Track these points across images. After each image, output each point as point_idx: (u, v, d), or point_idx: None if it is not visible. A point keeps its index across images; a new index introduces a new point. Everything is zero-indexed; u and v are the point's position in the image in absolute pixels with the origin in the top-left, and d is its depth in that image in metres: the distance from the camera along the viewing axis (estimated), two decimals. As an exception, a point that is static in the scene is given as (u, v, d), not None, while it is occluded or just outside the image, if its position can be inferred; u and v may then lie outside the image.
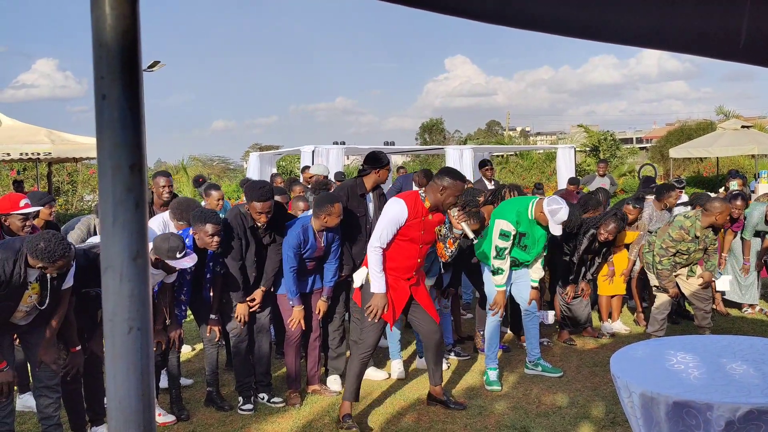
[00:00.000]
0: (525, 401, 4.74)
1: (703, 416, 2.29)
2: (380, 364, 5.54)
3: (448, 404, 4.59)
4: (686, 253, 5.61)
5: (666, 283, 5.70)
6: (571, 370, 5.37)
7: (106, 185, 1.00)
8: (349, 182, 5.30)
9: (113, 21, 0.99)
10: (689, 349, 3.02)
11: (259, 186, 4.56)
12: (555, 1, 1.77)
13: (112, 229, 1.00)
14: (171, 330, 4.44)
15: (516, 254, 5.05)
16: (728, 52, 2.36)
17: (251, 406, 4.67)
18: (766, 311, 7.12)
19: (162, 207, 5.33)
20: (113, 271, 1.00)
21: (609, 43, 1.98)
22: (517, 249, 5.02)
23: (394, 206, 4.17)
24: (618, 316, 6.66)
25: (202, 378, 5.03)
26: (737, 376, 2.64)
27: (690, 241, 5.56)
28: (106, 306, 1.02)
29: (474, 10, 1.68)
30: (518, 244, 5.00)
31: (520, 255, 5.07)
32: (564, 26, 1.92)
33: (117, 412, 1.02)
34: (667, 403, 2.38)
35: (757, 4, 2.04)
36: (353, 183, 5.14)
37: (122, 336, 1.01)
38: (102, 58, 1.00)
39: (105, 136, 1.00)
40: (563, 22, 1.90)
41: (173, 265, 4.03)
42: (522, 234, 4.96)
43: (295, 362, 4.84)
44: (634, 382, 2.57)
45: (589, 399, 4.72)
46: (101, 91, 1.00)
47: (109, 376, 1.02)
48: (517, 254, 5.05)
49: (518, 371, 5.39)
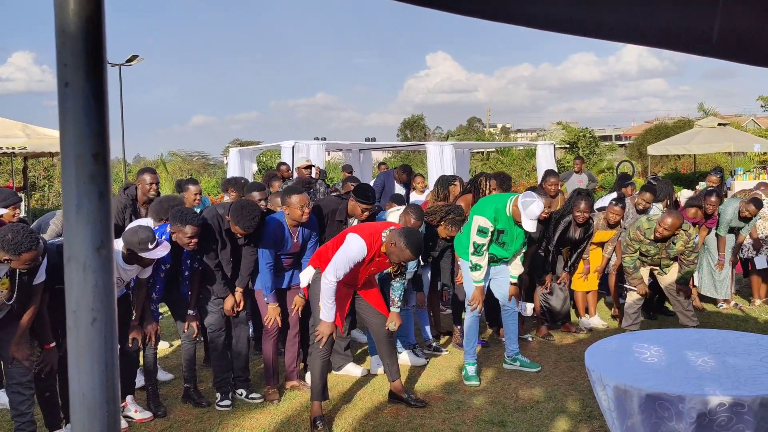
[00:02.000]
0: (503, 396, 4.76)
1: (675, 408, 2.31)
2: (359, 360, 5.54)
3: (408, 402, 4.58)
4: (647, 255, 5.67)
5: (632, 280, 5.75)
6: (548, 365, 5.41)
7: (69, 175, 0.98)
8: (332, 204, 5.19)
9: (76, 7, 0.97)
10: (662, 342, 3.05)
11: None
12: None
13: (76, 219, 0.98)
14: (146, 325, 4.40)
15: (494, 251, 5.06)
16: (702, 48, 2.38)
17: (229, 402, 4.64)
18: (741, 306, 7.23)
19: (145, 204, 5.28)
20: (76, 262, 0.98)
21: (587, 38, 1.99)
22: (495, 246, 5.04)
23: (355, 245, 4.12)
24: (595, 311, 6.71)
25: (180, 374, 4.99)
26: (708, 369, 2.67)
27: (648, 244, 5.62)
28: (69, 297, 1.00)
29: (454, 3, 1.68)
30: (496, 241, 5.02)
31: (499, 251, 5.09)
32: (542, 20, 1.92)
33: (80, 405, 1.00)
34: (640, 396, 2.41)
35: (728, 3, 2.06)
36: (335, 208, 5.10)
37: (86, 327, 0.99)
38: (65, 45, 0.98)
39: (68, 124, 0.98)
40: (542, 16, 1.91)
41: (147, 257, 3.99)
42: (500, 231, 4.97)
43: (273, 358, 4.83)
44: (607, 376, 2.59)
45: (567, 393, 4.76)
46: (64, 78, 0.98)
47: (72, 368, 1.00)
48: (496, 251, 5.07)
49: (497, 366, 5.41)
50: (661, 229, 5.53)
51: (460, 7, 1.70)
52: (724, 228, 6.79)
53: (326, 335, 4.22)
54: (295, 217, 4.58)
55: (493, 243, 5.02)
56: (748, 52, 2.57)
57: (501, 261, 5.19)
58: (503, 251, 5.09)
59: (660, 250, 5.64)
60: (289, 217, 4.60)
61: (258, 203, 5.02)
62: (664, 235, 5.54)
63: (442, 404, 4.63)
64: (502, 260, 5.17)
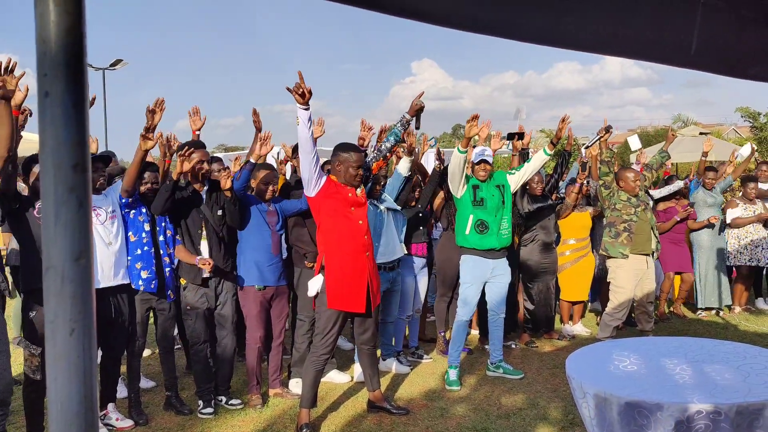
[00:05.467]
0: (486, 403, 4.78)
1: (654, 416, 2.34)
2: (343, 367, 5.54)
3: (390, 410, 4.58)
4: (633, 217, 5.69)
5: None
6: (531, 372, 5.44)
7: (48, 184, 0.98)
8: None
9: (57, 17, 0.98)
10: (642, 350, 3.08)
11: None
12: (513, 8, 1.79)
13: (54, 229, 0.98)
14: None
15: (479, 215, 5.10)
16: (681, 60, 2.43)
17: (211, 409, 4.62)
18: (722, 314, 7.31)
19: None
20: (55, 272, 0.98)
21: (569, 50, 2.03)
22: (476, 209, 5.11)
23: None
24: (579, 319, 6.76)
25: (161, 381, 4.96)
26: (687, 377, 2.70)
27: (627, 201, 5.71)
28: (47, 307, 1.00)
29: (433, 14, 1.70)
30: (475, 201, 5.11)
31: (482, 214, 5.11)
32: (523, 33, 1.95)
33: (58, 416, 0.99)
34: (620, 404, 2.43)
35: (706, 15, 2.11)
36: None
37: (64, 338, 0.99)
38: (45, 55, 0.98)
39: (47, 134, 0.98)
40: (522, 28, 1.93)
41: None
42: (475, 186, 5.14)
43: (257, 365, 4.80)
44: (588, 383, 2.61)
45: (549, 400, 4.79)
46: (44, 88, 0.98)
47: (50, 378, 1.00)
48: (480, 214, 5.11)
49: (480, 373, 5.43)
50: (624, 183, 5.76)
51: (442, 20, 1.72)
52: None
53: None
54: (259, 190, 4.79)
55: (474, 206, 5.11)
56: (726, 63, 2.62)
57: (497, 252, 5.19)
58: (486, 213, 5.11)
59: (639, 200, 5.75)
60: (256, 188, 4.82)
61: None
62: (635, 188, 5.76)
63: (425, 411, 4.64)
64: (495, 235, 5.14)
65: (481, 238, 5.12)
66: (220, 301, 4.66)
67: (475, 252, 5.16)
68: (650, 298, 5.85)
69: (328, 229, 4.23)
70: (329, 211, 4.20)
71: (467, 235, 5.15)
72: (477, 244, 5.14)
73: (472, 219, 5.12)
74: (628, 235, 5.68)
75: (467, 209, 5.15)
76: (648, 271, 5.77)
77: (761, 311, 7.49)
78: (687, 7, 2.07)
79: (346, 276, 4.22)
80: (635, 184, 5.75)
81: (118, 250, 4.26)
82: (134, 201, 4.39)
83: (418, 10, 1.62)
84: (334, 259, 4.23)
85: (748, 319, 7.13)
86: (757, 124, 24.26)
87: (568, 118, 5.50)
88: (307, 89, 3.94)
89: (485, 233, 5.11)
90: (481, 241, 5.13)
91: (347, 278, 4.22)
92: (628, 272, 5.70)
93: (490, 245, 5.13)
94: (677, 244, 7.04)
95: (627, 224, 5.69)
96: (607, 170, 5.79)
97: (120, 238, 4.30)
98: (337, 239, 4.22)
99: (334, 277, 4.22)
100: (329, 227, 4.22)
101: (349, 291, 4.23)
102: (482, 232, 5.11)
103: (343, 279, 4.22)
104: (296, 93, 3.94)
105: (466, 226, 5.15)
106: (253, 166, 4.65)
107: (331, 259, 4.23)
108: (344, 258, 4.23)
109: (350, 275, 4.23)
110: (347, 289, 4.23)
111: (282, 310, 4.90)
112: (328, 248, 4.24)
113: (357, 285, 4.24)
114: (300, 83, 3.93)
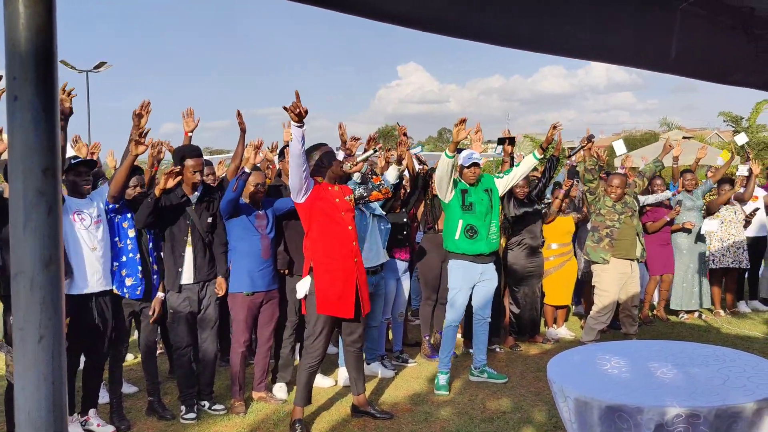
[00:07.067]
0: (470, 407, 4.78)
1: (634, 420, 2.35)
2: (327, 371, 5.52)
3: (374, 415, 4.57)
4: (616, 224, 5.73)
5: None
6: (515, 376, 5.44)
7: (17, 189, 0.97)
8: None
9: (27, 19, 0.97)
10: (623, 353, 3.10)
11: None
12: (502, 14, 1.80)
13: (23, 234, 0.97)
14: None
15: (469, 219, 5.09)
16: (661, 65, 2.45)
17: (194, 414, 4.58)
18: (705, 317, 7.37)
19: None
20: (24, 278, 0.97)
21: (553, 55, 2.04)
22: (466, 214, 5.09)
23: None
24: (563, 322, 6.79)
25: (144, 386, 4.91)
26: (667, 380, 2.72)
27: (611, 208, 5.75)
28: (16, 314, 0.98)
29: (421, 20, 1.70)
30: (463, 206, 5.09)
31: (472, 219, 5.09)
32: (510, 38, 1.96)
33: (26, 424, 0.98)
34: (600, 408, 2.44)
35: (685, 22, 2.13)
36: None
37: (33, 345, 0.97)
38: (15, 58, 0.97)
39: (17, 139, 0.97)
40: (508, 34, 1.94)
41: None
42: (464, 190, 5.12)
43: (240, 370, 4.76)
44: (569, 387, 2.62)
45: (533, 404, 4.80)
46: (13, 92, 0.97)
47: (18, 387, 0.99)
48: (470, 219, 5.09)
49: (465, 377, 5.43)
50: (611, 189, 5.81)
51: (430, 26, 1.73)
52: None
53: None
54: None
55: (463, 211, 5.09)
56: (706, 69, 2.65)
57: (486, 257, 5.19)
58: (475, 217, 5.10)
59: (624, 207, 5.79)
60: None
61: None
62: (617, 193, 5.80)
63: (409, 416, 4.63)
64: (484, 239, 5.12)
65: (471, 243, 5.10)
66: (204, 305, 4.63)
67: (465, 257, 5.13)
68: (634, 301, 5.88)
69: (317, 235, 4.23)
70: (319, 215, 4.20)
71: (457, 240, 5.12)
72: (467, 249, 5.11)
73: (461, 224, 5.09)
74: (609, 241, 5.72)
75: (456, 214, 5.12)
76: (632, 274, 5.81)
77: (743, 314, 7.56)
78: (666, 14, 2.10)
79: (335, 282, 4.22)
80: (620, 189, 5.79)
81: (102, 255, 4.21)
82: (120, 206, 4.35)
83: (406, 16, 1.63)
84: (322, 265, 4.22)
85: (730, 322, 7.19)
86: (740, 129, 24.51)
87: (560, 125, 5.50)
88: (303, 109, 3.95)
89: (475, 238, 5.10)
90: (471, 246, 5.10)
91: (336, 284, 4.22)
92: (613, 276, 5.74)
93: (479, 250, 5.12)
94: (664, 246, 7.09)
95: (609, 230, 5.73)
96: (591, 178, 5.83)
97: (105, 243, 4.25)
98: (327, 245, 4.22)
99: (324, 282, 4.21)
100: (319, 233, 4.22)
101: (338, 296, 4.23)
102: (472, 237, 5.09)
103: (332, 285, 4.22)
104: (292, 112, 3.95)
105: (455, 231, 5.12)
106: (248, 175, 4.60)
107: (320, 265, 4.22)
108: (333, 264, 4.22)
109: (339, 281, 4.23)
110: (336, 294, 4.22)
111: (272, 314, 4.85)
112: (317, 254, 4.23)
113: (346, 291, 4.24)
114: (297, 103, 3.93)
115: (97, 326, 4.22)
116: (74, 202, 4.15)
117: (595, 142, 5.80)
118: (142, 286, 4.41)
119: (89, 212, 4.18)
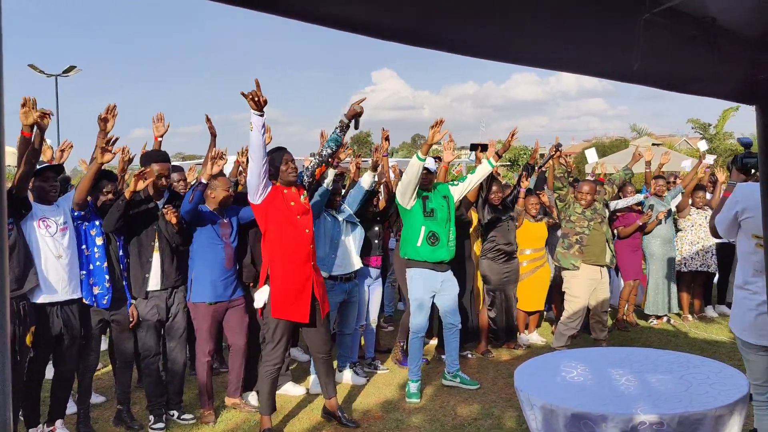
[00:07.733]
0: (441, 413, 4.79)
1: (599, 427, 2.37)
2: (299, 379, 5.49)
3: (341, 420, 4.56)
4: (586, 230, 5.80)
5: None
6: (487, 382, 5.47)
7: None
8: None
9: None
10: (589, 361, 3.13)
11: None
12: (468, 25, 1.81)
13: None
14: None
15: (431, 226, 5.07)
16: (625, 75, 2.48)
17: (163, 424, 4.52)
18: (673, 322, 7.48)
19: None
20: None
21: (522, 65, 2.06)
22: (428, 221, 5.07)
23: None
24: (534, 328, 6.84)
25: (112, 396, 4.84)
26: (632, 388, 2.75)
27: (581, 215, 5.82)
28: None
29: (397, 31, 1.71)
30: (425, 212, 5.08)
31: (433, 225, 5.08)
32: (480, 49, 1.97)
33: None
34: (566, 416, 2.46)
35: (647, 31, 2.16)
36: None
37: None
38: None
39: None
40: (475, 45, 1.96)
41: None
42: (424, 197, 5.11)
43: (207, 380, 4.70)
44: (535, 395, 2.64)
45: (504, 410, 4.82)
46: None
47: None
48: (432, 225, 5.08)
49: (437, 383, 5.44)
50: (581, 195, 5.89)
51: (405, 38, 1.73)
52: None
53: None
54: (218, 197, 4.70)
55: (425, 217, 5.07)
56: (668, 79, 2.69)
57: (446, 266, 5.20)
58: (436, 224, 5.09)
59: (593, 213, 5.87)
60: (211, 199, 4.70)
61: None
62: (587, 199, 5.88)
63: (380, 423, 4.62)
64: (444, 247, 5.13)
65: (433, 251, 5.09)
66: (172, 313, 4.57)
67: (426, 265, 5.11)
68: (604, 307, 5.95)
69: (273, 238, 4.19)
70: (276, 217, 4.17)
71: (419, 247, 5.08)
72: (428, 257, 5.09)
73: (424, 230, 5.07)
74: (579, 248, 5.79)
75: (418, 220, 5.09)
76: (602, 281, 5.88)
77: (710, 319, 7.68)
78: (628, 25, 2.13)
79: (289, 285, 4.20)
80: (590, 196, 5.86)
81: (68, 263, 4.13)
82: (87, 213, 4.29)
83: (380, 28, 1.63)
84: (278, 269, 4.19)
85: (698, 327, 7.30)
86: (707, 135, 25.02)
87: (517, 131, 5.57)
88: (263, 98, 3.90)
89: (437, 245, 5.09)
90: (432, 254, 5.09)
91: (291, 288, 4.20)
92: (583, 281, 5.80)
93: (440, 257, 5.12)
94: (635, 251, 7.18)
95: (579, 236, 5.80)
96: (560, 185, 5.89)
97: (71, 251, 4.18)
98: (283, 248, 4.19)
99: (278, 286, 4.19)
100: (275, 235, 4.19)
101: (292, 300, 4.20)
102: (434, 244, 5.08)
103: (286, 288, 4.19)
104: (252, 100, 3.90)
105: (417, 238, 5.09)
106: (205, 186, 4.55)
107: (275, 269, 4.20)
108: (288, 267, 4.20)
109: (294, 284, 4.20)
110: (291, 298, 4.20)
111: (240, 320, 4.78)
112: (273, 257, 4.21)
113: (301, 294, 4.22)
114: (256, 91, 3.89)
115: (63, 336, 4.14)
116: (40, 209, 4.08)
117: (563, 151, 5.88)
118: (109, 294, 4.34)
119: (55, 219, 4.11)
